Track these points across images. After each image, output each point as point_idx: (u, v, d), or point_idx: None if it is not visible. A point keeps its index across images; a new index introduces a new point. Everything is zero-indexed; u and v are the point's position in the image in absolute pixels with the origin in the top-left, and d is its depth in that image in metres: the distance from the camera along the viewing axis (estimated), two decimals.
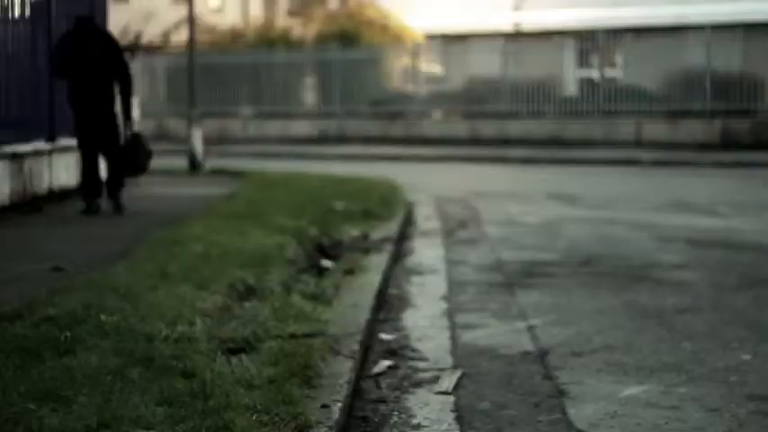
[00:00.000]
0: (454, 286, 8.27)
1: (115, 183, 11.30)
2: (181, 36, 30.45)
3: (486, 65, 29.55)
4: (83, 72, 10.97)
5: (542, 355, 5.97)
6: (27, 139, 12.05)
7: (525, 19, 32.89)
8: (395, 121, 29.99)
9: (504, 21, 32.88)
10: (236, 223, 9.83)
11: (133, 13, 34.98)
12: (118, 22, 26.37)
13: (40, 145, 12.28)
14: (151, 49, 34.52)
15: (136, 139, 11.24)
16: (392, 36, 32.67)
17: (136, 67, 32.92)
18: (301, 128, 30.90)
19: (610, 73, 28.70)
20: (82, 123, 11.10)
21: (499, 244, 10.57)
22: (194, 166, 18.91)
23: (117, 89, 11.12)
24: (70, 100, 11.17)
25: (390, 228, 10.98)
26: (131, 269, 7.24)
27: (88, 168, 11.20)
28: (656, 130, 26.86)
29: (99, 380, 4.52)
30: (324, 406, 4.50)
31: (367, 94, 30.80)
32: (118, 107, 11.09)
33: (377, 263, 8.72)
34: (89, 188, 11.18)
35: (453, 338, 6.46)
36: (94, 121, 11.02)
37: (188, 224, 9.88)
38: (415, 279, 8.64)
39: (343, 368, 5.19)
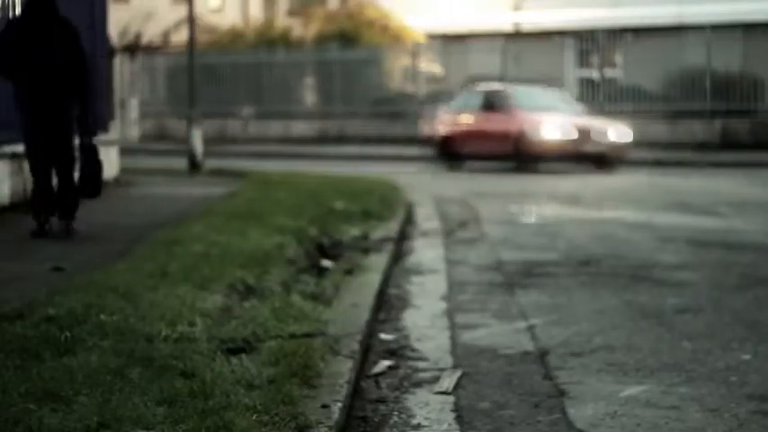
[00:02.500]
0: (454, 286, 8.26)
1: (69, 201, 9.31)
2: (181, 36, 30.45)
3: (486, 65, 29.54)
4: (37, 69, 8.99)
5: (542, 355, 5.97)
6: None
7: (525, 19, 32.87)
8: (395, 121, 29.99)
9: (504, 21, 32.87)
10: (236, 223, 9.83)
11: (133, 13, 34.98)
12: (118, 21, 26.42)
13: None
14: (151, 49, 34.53)
15: (92, 153, 9.41)
16: (392, 36, 32.67)
17: (136, 66, 33.04)
18: (301, 128, 30.90)
19: (610, 73, 28.70)
20: (33, 129, 9.20)
21: (499, 244, 10.57)
22: (194, 166, 18.92)
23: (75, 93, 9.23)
24: (19, 100, 9.22)
25: (390, 228, 10.98)
26: (131, 269, 7.24)
27: (41, 181, 9.29)
28: (656, 130, 26.85)
29: (99, 380, 4.52)
30: (324, 406, 4.51)
31: (367, 94, 30.81)
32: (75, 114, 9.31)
33: (377, 263, 8.72)
34: (42, 205, 9.29)
35: (453, 338, 6.46)
36: (48, 128, 9.14)
37: (188, 224, 9.88)
38: (415, 279, 8.64)
39: (343, 368, 5.19)
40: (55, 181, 9.35)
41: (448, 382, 5.40)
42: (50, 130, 9.13)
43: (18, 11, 11.36)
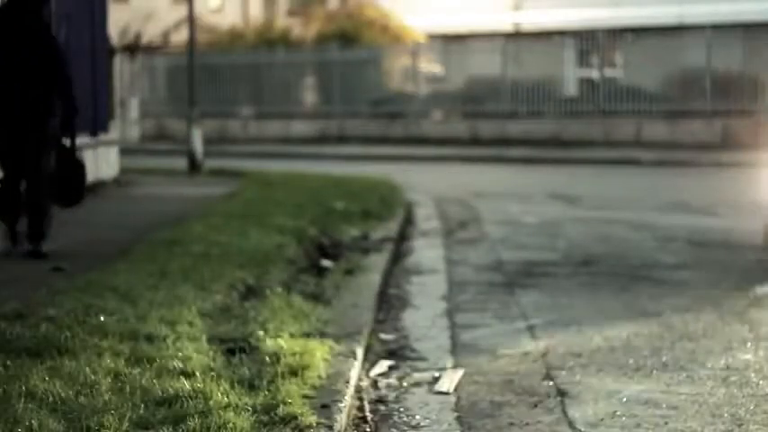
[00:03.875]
0: (454, 286, 8.27)
1: (35, 220, 8.41)
2: (181, 36, 30.44)
3: (486, 65, 29.52)
4: (12, 75, 8.30)
5: (542, 355, 5.97)
6: None
7: (525, 19, 32.87)
8: (395, 121, 29.98)
9: (504, 21, 32.86)
10: (236, 223, 9.83)
11: (133, 13, 34.97)
12: (118, 22, 26.41)
13: None
14: (151, 49, 34.52)
15: (71, 161, 8.60)
16: (392, 36, 32.65)
17: (136, 66, 33.04)
18: (301, 128, 30.89)
19: (610, 73, 28.68)
20: (3, 138, 8.39)
21: (499, 244, 10.57)
22: (194, 166, 18.90)
23: (55, 101, 8.44)
24: None
25: (390, 228, 10.98)
26: (131, 269, 7.25)
27: (9, 195, 8.51)
28: (656, 130, 26.84)
29: (99, 380, 4.52)
30: (324, 406, 4.51)
31: (367, 94, 30.78)
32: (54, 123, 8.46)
33: (377, 263, 8.72)
34: (10, 221, 8.51)
35: (453, 338, 6.46)
36: (21, 138, 8.35)
37: (188, 224, 9.88)
38: (415, 279, 8.64)
39: (344, 368, 5.20)
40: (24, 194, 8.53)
41: (448, 382, 5.40)
42: (23, 142, 8.35)
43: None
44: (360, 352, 5.65)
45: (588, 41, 28.95)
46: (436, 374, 5.57)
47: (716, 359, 5.82)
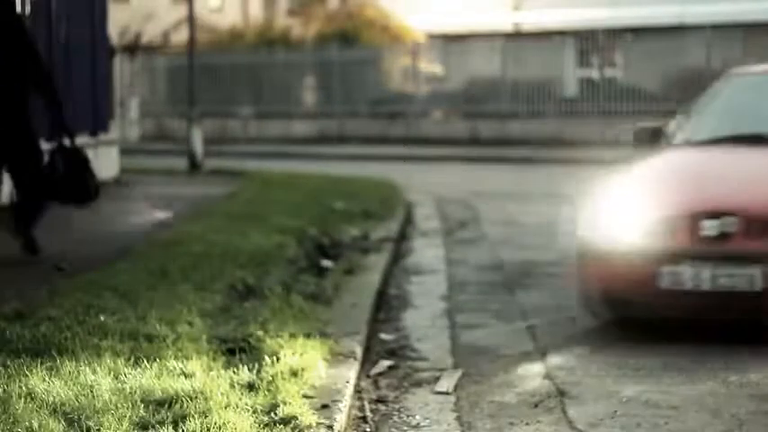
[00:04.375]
0: (454, 286, 8.26)
1: (26, 212, 8.31)
2: (181, 36, 30.46)
3: (486, 65, 29.53)
4: None
5: (542, 355, 5.97)
6: None
7: (525, 19, 32.86)
8: (395, 121, 29.98)
9: (504, 21, 32.86)
10: (236, 223, 9.83)
11: (133, 13, 34.98)
12: (118, 22, 26.41)
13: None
14: (151, 49, 34.53)
15: (71, 156, 8.43)
16: (392, 36, 32.65)
17: (136, 66, 33.06)
18: (301, 128, 30.89)
19: (610, 73, 28.69)
20: None
21: (499, 244, 10.56)
22: (194, 165, 18.92)
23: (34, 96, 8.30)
24: None
25: (390, 228, 10.98)
26: (131, 269, 7.25)
27: None
28: None
29: (100, 381, 4.52)
30: (324, 406, 4.51)
31: (367, 94, 30.78)
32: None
33: (377, 263, 8.73)
34: None
35: (453, 338, 6.46)
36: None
37: (188, 224, 9.89)
38: (414, 279, 8.63)
39: (343, 368, 5.20)
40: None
41: (448, 382, 5.40)
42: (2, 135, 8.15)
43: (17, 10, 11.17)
44: (360, 352, 5.65)
45: (588, 41, 28.96)
46: (436, 374, 5.57)
47: (716, 359, 5.82)
